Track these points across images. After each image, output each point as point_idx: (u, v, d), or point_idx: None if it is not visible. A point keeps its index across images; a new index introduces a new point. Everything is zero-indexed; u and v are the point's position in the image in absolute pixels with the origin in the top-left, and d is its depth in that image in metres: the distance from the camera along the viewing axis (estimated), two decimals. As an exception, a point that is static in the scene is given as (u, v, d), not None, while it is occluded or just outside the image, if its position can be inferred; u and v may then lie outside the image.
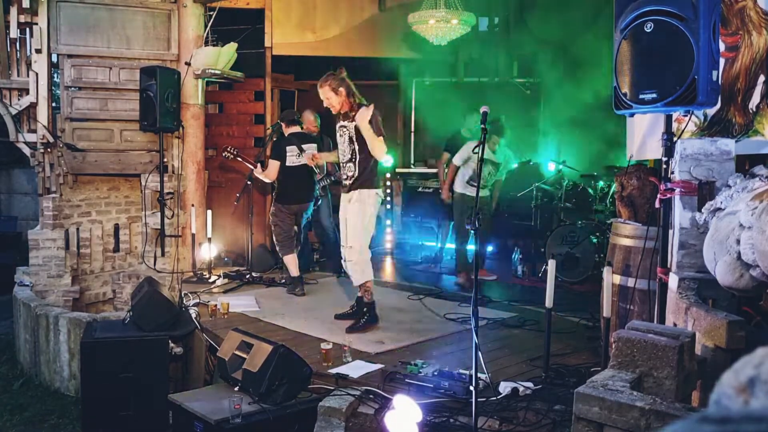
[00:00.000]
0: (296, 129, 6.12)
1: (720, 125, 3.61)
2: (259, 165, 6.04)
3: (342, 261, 4.80)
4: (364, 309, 4.70)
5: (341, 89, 4.56)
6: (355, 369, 3.83)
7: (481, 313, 3.70)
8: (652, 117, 3.84)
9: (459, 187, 6.44)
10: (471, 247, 6.48)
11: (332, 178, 6.58)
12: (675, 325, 2.87)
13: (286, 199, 5.95)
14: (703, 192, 3.05)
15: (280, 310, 5.29)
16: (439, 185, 7.20)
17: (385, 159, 4.82)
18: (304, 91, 8.33)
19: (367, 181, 4.61)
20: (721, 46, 3.36)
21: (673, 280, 3.05)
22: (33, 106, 6.04)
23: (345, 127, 4.62)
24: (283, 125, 6.17)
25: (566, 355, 4.18)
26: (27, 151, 6.17)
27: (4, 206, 9.60)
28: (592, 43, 6.73)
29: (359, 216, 4.62)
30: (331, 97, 4.58)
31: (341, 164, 4.75)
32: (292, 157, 5.90)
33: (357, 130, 4.54)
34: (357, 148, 4.58)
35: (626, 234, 3.93)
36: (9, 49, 6.01)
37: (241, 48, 6.89)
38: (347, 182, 4.69)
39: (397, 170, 8.67)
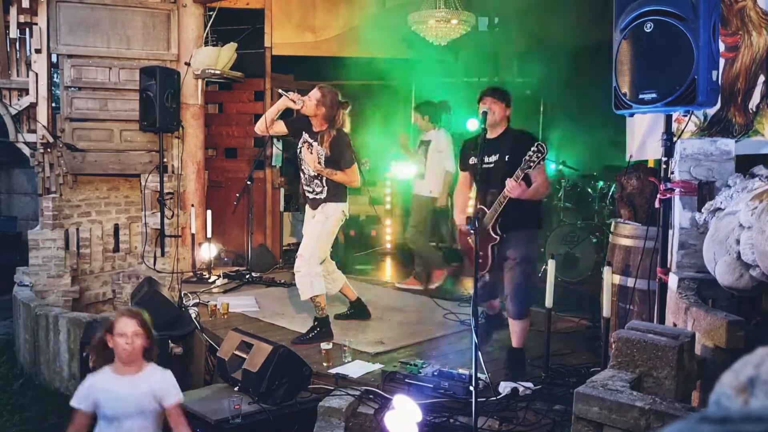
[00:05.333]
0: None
1: (720, 125, 3.61)
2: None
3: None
4: (315, 323, 4.47)
5: (324, 109, 4.40)
6: (355, 369, 3.83)
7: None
8: (652, 117, 3.84)
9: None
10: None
11: None
12: (675, 325, 2.86)
13: None
14: (703, 192, 3.05)
15: (280, 310, 5.29)
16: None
17: (357, 185, 4.62)
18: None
19: (333, 197, 4.48)
20: (721, 46, 3.36)
21: (672, 280, 3.05)
22: (33, 106, 6.03)
23: (311, 145, 4.48)
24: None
25: (566, 355, 4.18)
26: (27, 151, 6.16)
27: (4, 206, 9.60)
28: (593, 43, 6.73)
29: (318, 226, 4.48)
30: (312, 103, 4.42)
31: (308, 179, 4.54)
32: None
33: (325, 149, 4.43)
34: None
35: (626, 234, 3.93)
36: (9, 49, 6.01)
37: (241, 48, 6.88)
38: (315, 197, 4.52)
39: None
